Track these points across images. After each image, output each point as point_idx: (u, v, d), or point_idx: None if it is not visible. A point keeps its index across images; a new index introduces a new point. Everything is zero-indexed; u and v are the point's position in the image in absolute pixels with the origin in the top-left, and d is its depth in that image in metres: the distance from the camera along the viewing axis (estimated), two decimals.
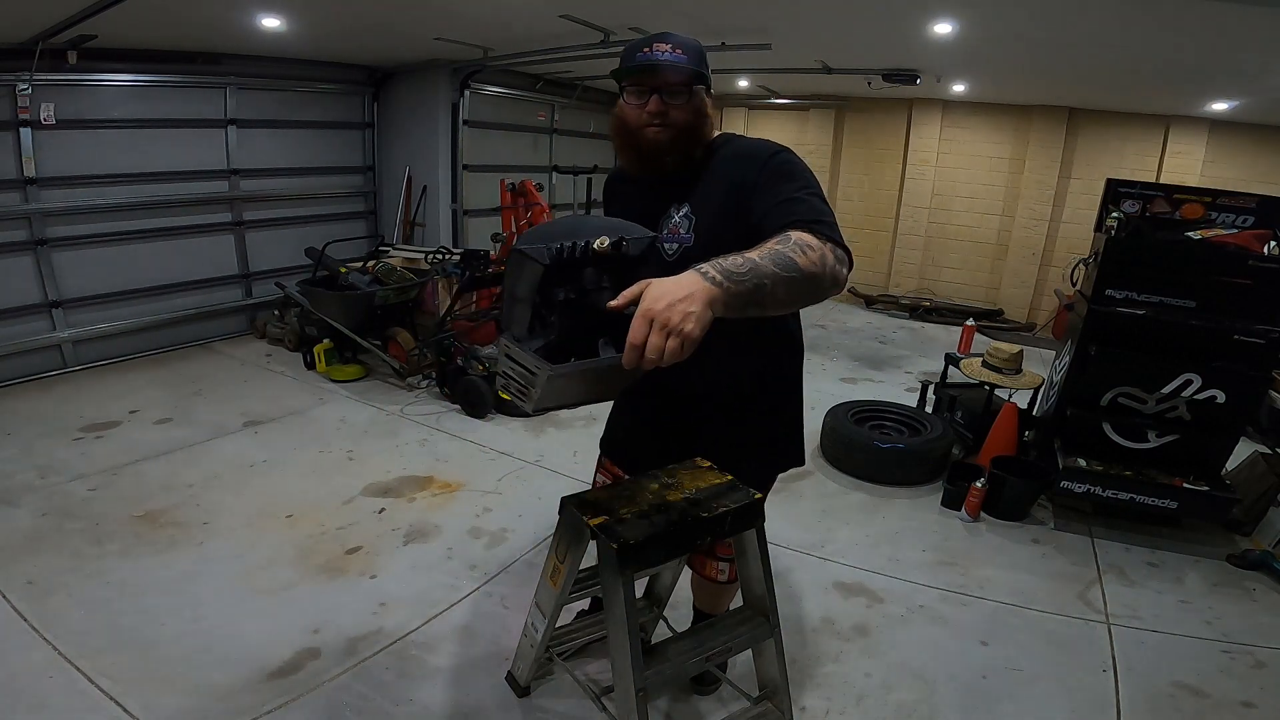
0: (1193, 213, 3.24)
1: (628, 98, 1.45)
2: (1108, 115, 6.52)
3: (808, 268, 1.13)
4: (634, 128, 1.44)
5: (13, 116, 4.09)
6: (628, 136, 1.47)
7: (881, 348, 6.16)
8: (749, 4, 3.66)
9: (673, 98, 1.41)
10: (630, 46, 1.44)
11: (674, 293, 1.00)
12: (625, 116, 1.46)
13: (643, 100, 1.42)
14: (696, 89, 1.44)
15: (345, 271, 4.70)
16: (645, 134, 1.43)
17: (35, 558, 2.56)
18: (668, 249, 1.50)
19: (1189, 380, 2.95)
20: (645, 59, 1.40)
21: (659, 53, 1.40)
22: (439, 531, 2.90)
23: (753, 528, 1.55)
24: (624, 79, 1.44)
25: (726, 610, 2.08)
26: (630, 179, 1.61)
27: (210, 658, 2.11)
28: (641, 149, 1.45)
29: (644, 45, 1.41)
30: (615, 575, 1.37)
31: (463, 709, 1.99)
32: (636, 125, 1.44)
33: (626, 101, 1.45)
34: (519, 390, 1.23)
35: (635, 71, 1.41)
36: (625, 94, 1.46)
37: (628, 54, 1.44)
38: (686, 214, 1.49)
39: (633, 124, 1.44)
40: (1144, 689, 2.19)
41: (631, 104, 1.44)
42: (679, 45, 1.42)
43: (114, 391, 4.22)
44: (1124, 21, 3.27)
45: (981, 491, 3.16)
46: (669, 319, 0.98)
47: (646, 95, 1.42)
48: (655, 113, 1.41)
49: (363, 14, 4.08)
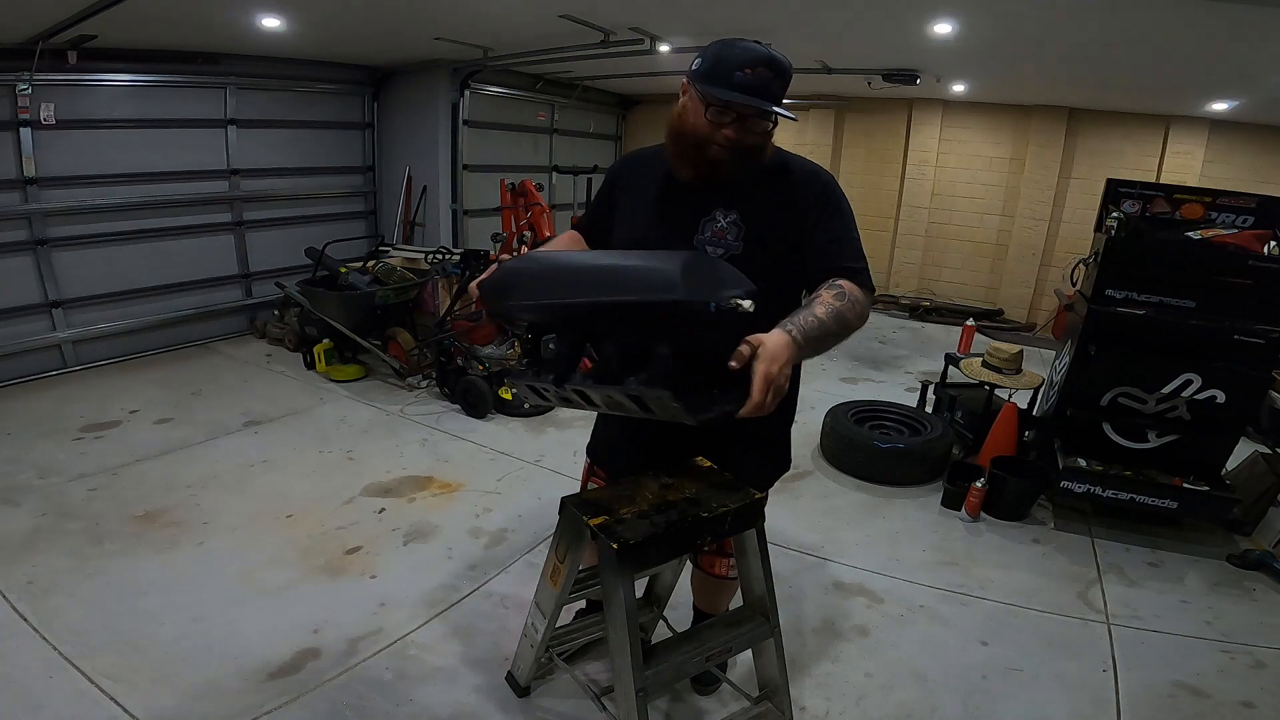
0: (1193, 213, 3.24)
1: (709, 113, 1.35)
2: (1108, 115, 6.51)
3: (854, 322, 1.39)
4: (701, 138, 1.37)
5: (13, 116, 4.09)
6: (689, 145, 1.40)
7: (881, 348, 6.15)
8: (749, 4, 3.66)
9: (754, 125, 1.36)
10: (724, 52, 1.32)
11: (780, 356, 1.19)
12: (693, 124, 1.38)
13: (723, 120, 1.34)
14: (778, 119, 1.38)
15: (345, 271, 4.70)
16: (711, 150, 1.37)
17: (35, 558, 2.56)
18: (710, 253, 1.46)
19: (1189, 380, 2.95)
20: (744, 83, 1.30)
21: (760, 78, 1.30)
22: (439, 531, 2.90)
23: (753, 528, 1.55)
24: (718, 102, 1.32)
25: (727, 610, 2.08)
26: (662, 171, 1.51)
27: (210, 658, 2.11)
28: (702, 162, 1.40)
29: (745, 64, 1.30)
30: (615, 575, 1.37)
31: (463, 709, 1.99)
32: (704, 137, 1.37)
33: (707, 116, 1.35)
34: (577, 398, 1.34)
35: (732, 104, 1.32)
36: (705, 102, 1.35)
37: (722, 63, 1.32)
38: (735, 221, 1.47)
39: (700, 134, 1.37)
40: (1144, 689, 2.19)
41: (709, 119, 1.35)
42: (779, 71, 1.33)
43: (114, 391, 4.22)
44: (1124, 21, 3.27)
45: (981, 491, 3.16)
46: (781, 384, 1.18)
47: (729, 118, 1.34)
48: (731, 140, 1.36)
49: (363, 14, 4.08)
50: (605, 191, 1.67)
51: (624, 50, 4.58)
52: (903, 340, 6.47)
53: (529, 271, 1.41)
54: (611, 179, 1.67)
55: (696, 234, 1.48)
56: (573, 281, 1.31)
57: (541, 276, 1.38)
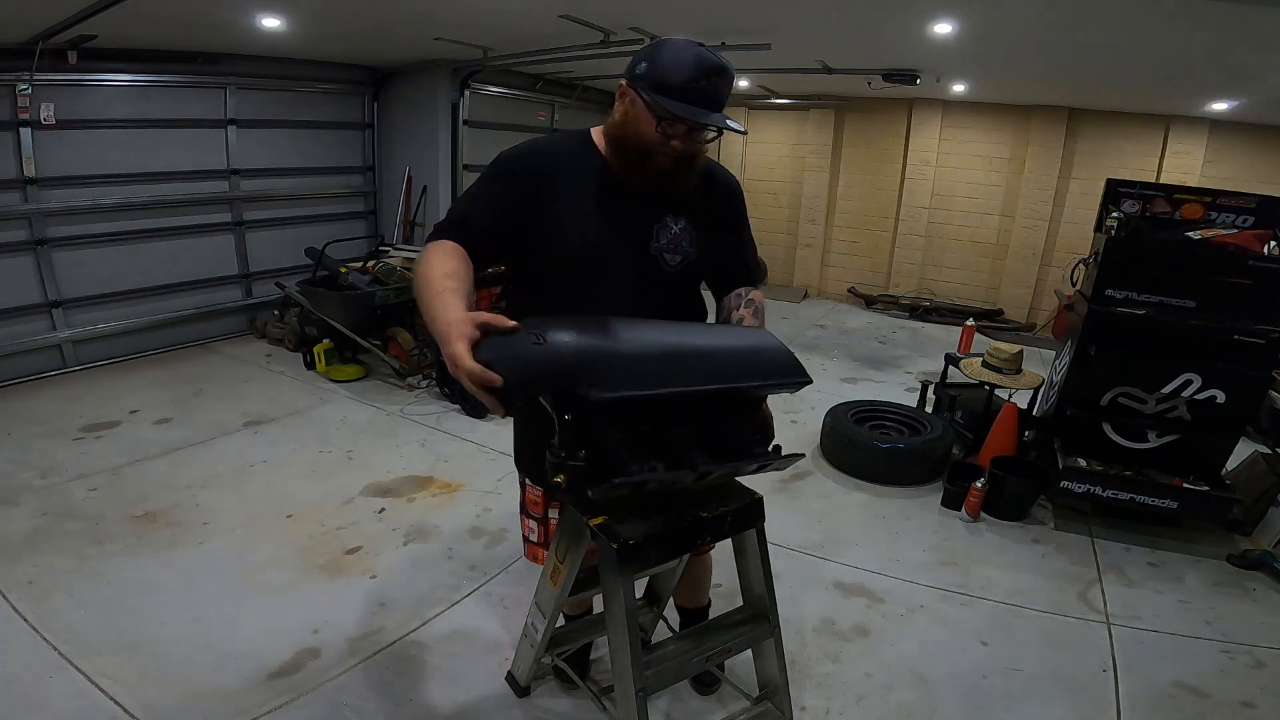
0: (1193, 213, 3.24)
1: (661, 125, 1.32)
2: (1108, 115, 6.52)
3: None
4: (648, 145, 1.35)
5: (13, 116, 4.08)
6: (635, 153, 1.38)
7: (881, 348, 6.16)
8: (749, 4, 3.65)
9: (700, 135, 1.37)
10: (673, 58, 1.29)
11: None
12: (641, 133, 1.35)
13: (675, 132, 1.33)
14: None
15: (345, 271, 4.70)
16: (659, 159, 1.36)
17: (35, 558, 2.56)
18: (669, 260, 1.48)
19: (1189, 380, 2.95)
20: (704, 111, 1.29)
21: (716, 89, 1.30)
22: (439, 531, 2.90)
23: (753, 528, 1.55)
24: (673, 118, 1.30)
25: (709, 597, 2.09)
26: (596, 167, 1.44)
27: (210, 657, 2.11)
28: (650, 170, 1.38)
29: (699, 76, 1.28)
30: (615, 575, 1.37)
31: (463, 709, 1.99)
32: (652, 145, 1.35)
33: (658, 128, 1.33)
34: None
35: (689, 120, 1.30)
36: (656, 114, 1.31)
37: (675, 69, 1.28)
38: (686, 228, 1.49)
39: (648, 143, 1.35)
40: (1144, 689, 2.19)
41: (660, 131, 1.33)
42: (729, 81, 1.32)
43: (114, 391, 4.22)
44: (1124, 21, 3.27)
45: (981, 491, 3.16)
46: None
47: (681, 130, 1.33)
48: (680, 150, 1.36)
49: (363, 14, 4.08)
50: (518, 184, 1.42)
51: (624, 50, 4.58)
52: (903, 340, 6.47)
53: (600, 354, 1.15)
54: (530, 172, 1.43)
55: (652, 240, 1.46)
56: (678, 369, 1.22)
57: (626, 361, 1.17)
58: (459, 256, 1.32)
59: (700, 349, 1.31)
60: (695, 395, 1.25)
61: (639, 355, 1.19)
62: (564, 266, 1.44)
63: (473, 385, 1.06)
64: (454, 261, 1.30)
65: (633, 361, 1.17)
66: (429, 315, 1.19)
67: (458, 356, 1.06)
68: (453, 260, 1.30)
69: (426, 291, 1.22)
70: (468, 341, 1.08)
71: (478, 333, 1.10)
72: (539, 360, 1.10)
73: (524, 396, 1.16)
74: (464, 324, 1.10)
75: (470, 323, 1.10)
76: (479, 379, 1.05)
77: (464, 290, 1.23)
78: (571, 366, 1.12)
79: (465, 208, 1.45)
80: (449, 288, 1.21)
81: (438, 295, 1.20)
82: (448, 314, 1.14)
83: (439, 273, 1.25)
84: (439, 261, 1.29)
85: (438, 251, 1.32)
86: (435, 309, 1.18)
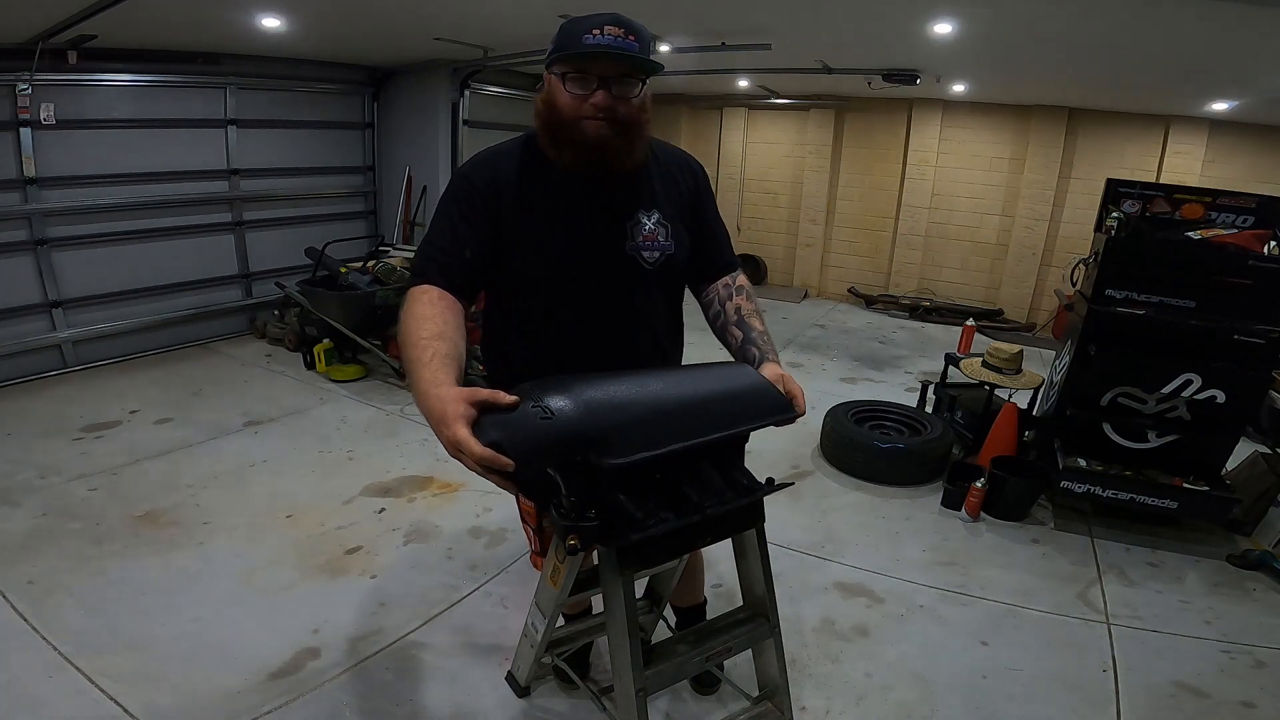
0: (1193, 213, 3.24)
1: (568, 85, 1.26)
2: (1108, 115, 6.51)
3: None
4: (570, 119, 1.28)
5: (13, 116, 4.09)
6: (561, 128, 1.30)
7: (881, 348, 6.15)
8: (749, 4, 3.65)
9: (623, 90, 1.27)
10: (571, 26, 1.25)
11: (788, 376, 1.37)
12: (559, 105, 1.29)
13: (587, 90, 1.26)
14: (646, 81, 1.31)
15: (345, 271, 4.70)
16: (586, 127, 1.28)
17: (35, 558, 2.56)
18: (648, 257, 1.42)
19: (1189, 380, 2.95)
20: (596, 43, 1.21)
21: (611, 37, 1.22)
22: (439, 531, 2.90)
23: (753, 528, 1.55)
24: (568, 66, 1.26)
25: (703, 594, 2.10)
26: (549, 174, 1.38)
27: (210, 658, 2.11)
28: (583, 144, 1.29)
29: (592, 27, 1.22)
30: (615, 575, 1.37)
31: (463, 709, 1.99)
32: (574, 116, 1.28)
33: (566, 89, 1.27)
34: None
35: (584, 59, 1.24)
36: (565, 81, 1.27)
37: (569, 35, 1.24)
38: (660, 221, 1.44)
39: (569, 115, 1.28)
40: (1144, 689, 2.19)
41: (572, 93, 1.27)
42: (631, 30, 1.24)
43: (114, 391, 4.22)
44: (1124, 21, 3.27)
45: (981, 491, 3.16)
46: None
47: (592, 86, 1.26)
48: (602, 106, 1.26)
49: (363, 14, 4.08)
50: (479, 200, 1.35)
51: None
52: (903, 340, 6.47)
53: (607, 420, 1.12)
54: (489, 181, 1.37)
55: (627, 240, 1.40)
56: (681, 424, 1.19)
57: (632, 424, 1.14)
58: (446, 307, 1.25)
59: (698, 398, 1.26)
60: (701, 446, 1.23)
61: (643, 416, 1.17)
62: (540, 274, 1.39)
63: (480, 468, 0.99)
64: (440, 317, 1.21)
65: (639, 424, 1.15)
66: (415, 385, 1.11)
67: (461, 442, 0.98)
68: (439, 315, 1.22)
69: (411, 353, 1.15)
70: (466, 423, 1.01)
71: (474, 411, 1.03)
72: (549, 436, 1.06)
73: (534, 474, 1.10)
74: (459, 403, 1.02)
75: (465, 401, 1.02)
76: (491, 464, 0.98)
77: (454, 353, 1.15)
78: (583, 437, 1.09)
79: (438, 242, 1.36)
80: (437, 353, 1.12)
81: (425, 365, 1.11)
82: (439, 389, 1.05)
83: (425, 333, 1.16)
84: (424, 317, 1.21)
85: (421, 303, 1.24)
86: (424, 381, 1.09)
